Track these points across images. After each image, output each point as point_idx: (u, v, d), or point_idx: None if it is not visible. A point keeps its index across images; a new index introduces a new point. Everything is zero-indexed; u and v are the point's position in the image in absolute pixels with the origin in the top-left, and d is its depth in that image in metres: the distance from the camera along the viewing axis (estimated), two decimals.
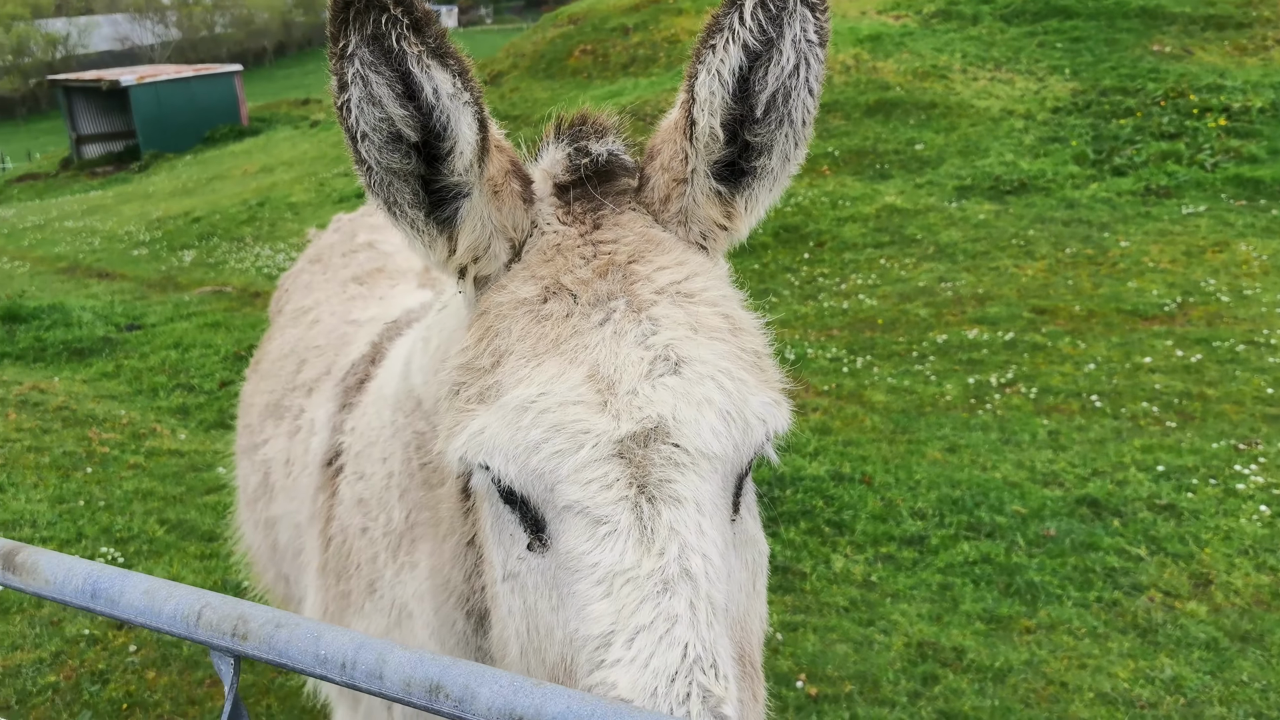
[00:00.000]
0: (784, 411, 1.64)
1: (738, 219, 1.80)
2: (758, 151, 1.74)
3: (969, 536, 6.57)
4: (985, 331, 10.18)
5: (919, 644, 5.51)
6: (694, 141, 1.70)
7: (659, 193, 1.78)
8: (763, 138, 1.72)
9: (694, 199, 1.76)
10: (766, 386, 1.63)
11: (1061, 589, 5.98)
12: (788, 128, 1.70)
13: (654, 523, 1.44)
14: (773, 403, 1.62)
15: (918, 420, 8.45)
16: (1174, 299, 10.58)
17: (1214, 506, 6.77)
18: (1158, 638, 5.51)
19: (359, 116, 1.54)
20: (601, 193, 1.77)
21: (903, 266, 12.53)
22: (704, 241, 1.79)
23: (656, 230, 1.76)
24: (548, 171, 1.80)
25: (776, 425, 1.62)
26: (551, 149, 1.82)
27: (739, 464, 1.59)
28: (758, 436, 1.58)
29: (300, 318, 3.74)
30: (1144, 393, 8.61)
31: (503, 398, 1.54)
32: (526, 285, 1.67)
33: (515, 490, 1.56)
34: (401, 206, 1.66)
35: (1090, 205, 13.70)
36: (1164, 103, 16.02)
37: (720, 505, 1.53)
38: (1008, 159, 15.34)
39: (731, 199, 1.78)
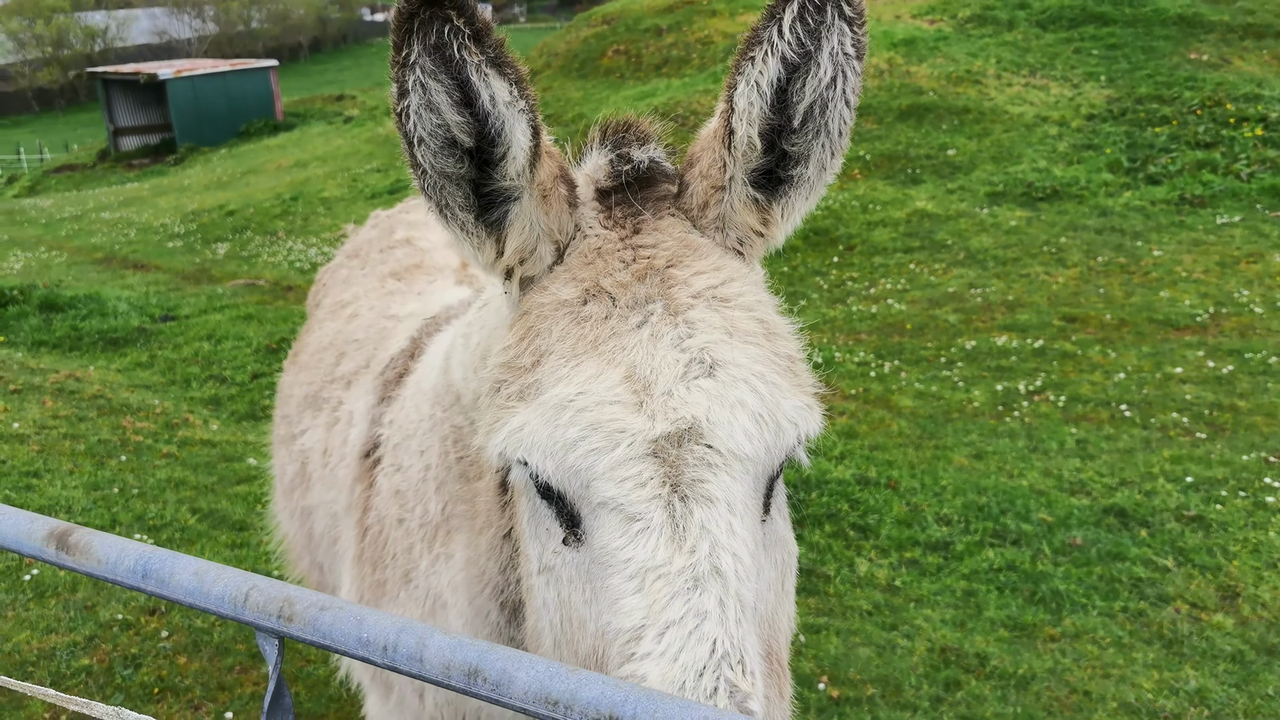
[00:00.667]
0: (816, 415, 1.68)
1: (774, 226, 1.83)
2: (794, 161, 1.77)
3: (994, 543, 6.57)
4: (1015, 338, 10.15)
5: (942, 649, 5.52)
6: (732, 150, 1.73)
7: (697, 199, 1.82)
8: (800, 147, 1.75)
9: (731, 206, 1.79)
10: (799, 390, 1.66)
11: (1087, 598, 5.96)
12: (824, 138, 1.73)
13: (686, 521, 1.48)
14: (805, 406, 1.65)
15: (945, 426, 8.44)
16: (1206, 309, 10.50)
17: (1243, 519, 6.73)
18: (1183, 649, 5.49)
19: (417, 122, 1.59)
20: (641, 199, 1.81)
21: (932, 272, 12.49)
22: (740, 247, 1.83)
23: (694, 236, 1.80)
24: (590, 176, 1.84)
25: (808, 429, 1.65)
26: (595, 154, 1.86)
27: (770, 466, 1.62)
28: (789, 439, 1.62)
29: (339, 311, 3.81)
30: (1174, 403, 8.56)
31: (542, 396, 1.58)
32: (568, 287, 1.71)
33: (552, 486, 1.60)
34: (453, 209, 1.70)
35: (1123, 214, 13.61)
36: (1200, 111, 15.88)
37: (751, 506, 1.56)
38: (1041, 165, 15.26)
39: (768, 206, 1.81)
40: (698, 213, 1.82)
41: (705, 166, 1.81)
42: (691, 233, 1.80)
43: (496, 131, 1.61)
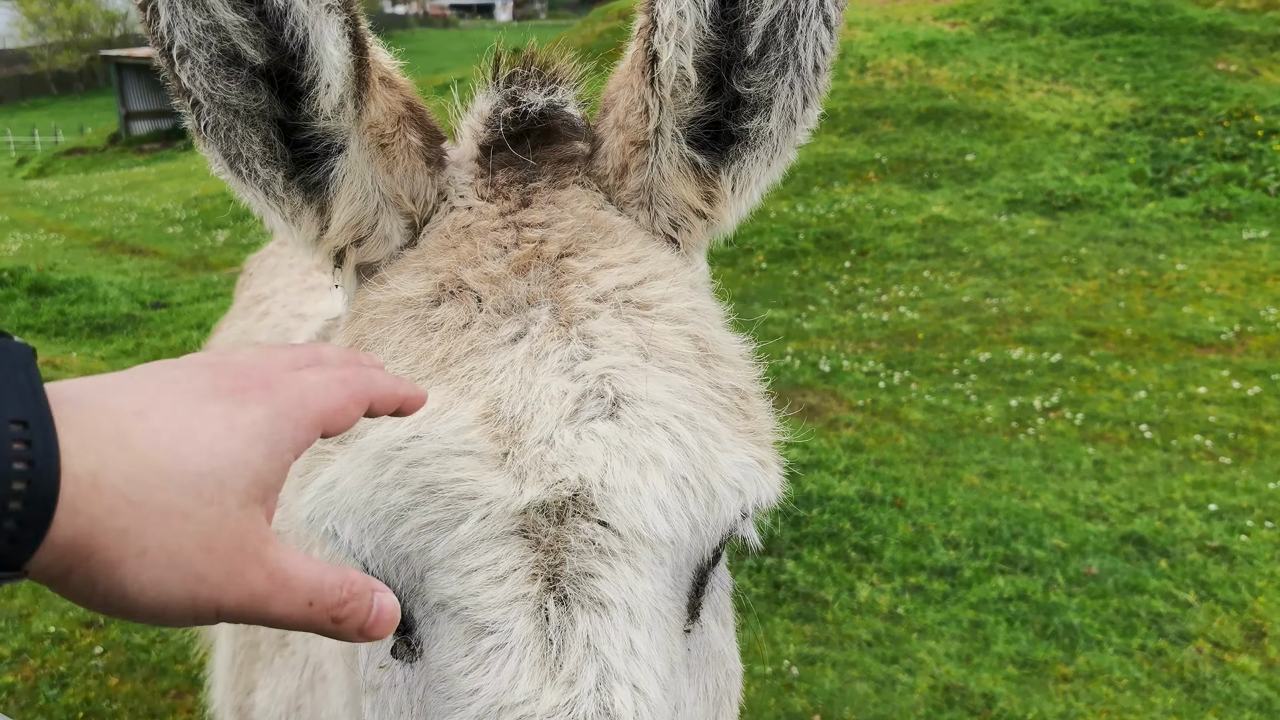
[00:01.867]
0: (771, 476, 1.18)
1: (721, 203, 1.33)
2: (751, 108, 1.27)
3: (1004, 570, 6.17)
4: (1031, 352, 9.73)
5: (945, 687, 5.12)
6: (656, 87, 1.22)
7: (613, 161, 1.32)
8: (758, 88, 1.25)
9: (660, 171, 1.29)
10: (747, 440, 1.17)
11: (1102, 633, 5.56)
12: (792, 74, 1.24)
13: (564, 636, 1.02)
14: (754, 464, 1.15)
15: (955, 442, 8.03)
16: (1232, 327, 10.07)
17: (1269, 552, 6.32)
18: (1205, 694, 5.09)
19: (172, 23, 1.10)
20: (536, 159, 1.32)
21: (947, 280, 12.08)
22: (673, 232, 1.34)
23: (607, 213, 1.30)
24: (472, 128, 1.36)
25: (759, 496, 1.15)
26: (480, 98, 1.36)
27: (699, 551, 1.14)
28: (729, 512, 1.12)
29: (252, 307, 3.33)
30: (1197, 425, 8.15)
31: (362, 439, 1.12)
32: (416, 280, 1.22)
33: (372, 572, 1.13)
34: (249, 162, 1.22)
35: (1146, 225, 13.17)
36: (1227, 123, 15.43)
37: (667, 612, 1.09)
38: (1062, 174, 14.83)
39: (713, 174, 1.31)
40: (614, 180, 1.32)
41: (621, 113, 1.30)
42: (604, 209, 1.30)
43: (299, 43, 1.12)
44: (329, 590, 0.83)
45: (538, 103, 1.30)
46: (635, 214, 1.33)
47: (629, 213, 1.33)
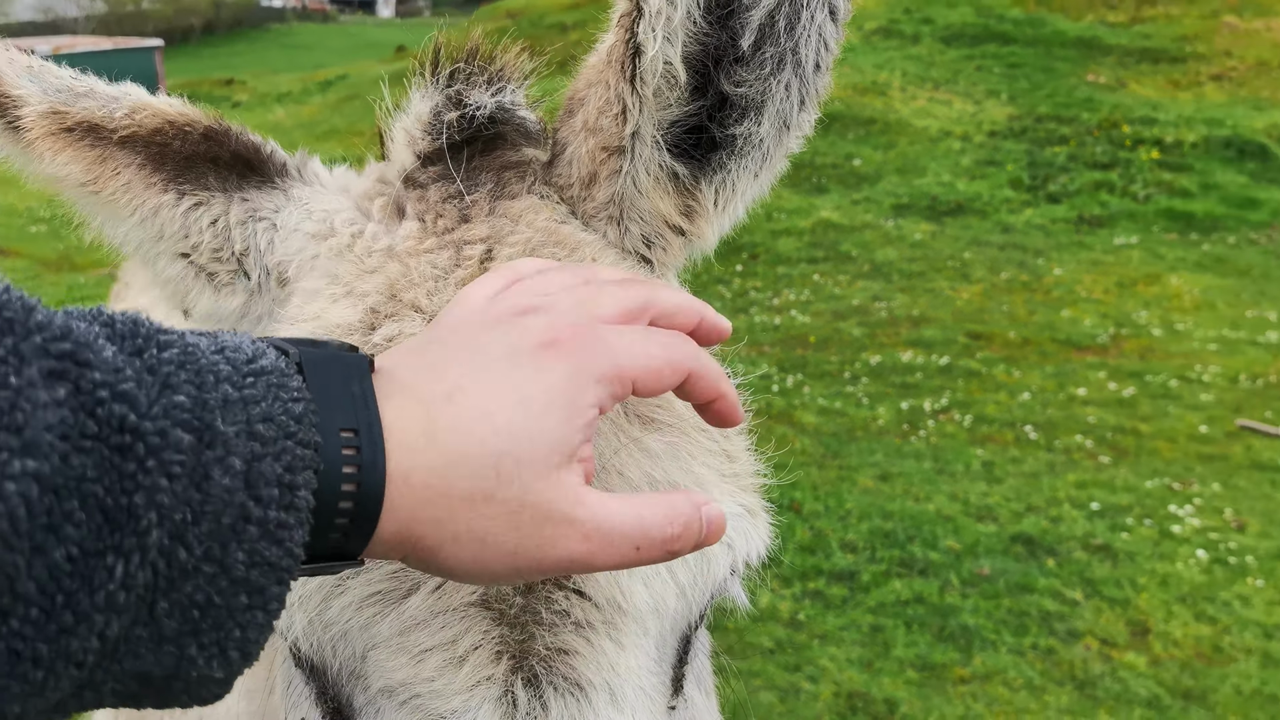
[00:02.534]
0: (760, 527, 1.08)
1: (702, 217, 1.19)
2: (740, 111, 1.13)
3: (901, 573, 6.24)
4: (920, 355, 9.92)
5: (849, 694, 5.14)
6: (638, 84, 1.08)
7: (580, 169, 1.18)
8: (750, 88, 1.12)
9: (635, 182, 1.15)
10: (733, 486, 1.06)
11: (996, 634, 5.66)
12: (790, 73, 1.10)
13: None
14: (743, 513, 1.05)
15: (849, 445, 8.12)
16: (1107, 330, 10.44)
17: (1150, 549, 6.54)
18: (1096, 691, 5.21)
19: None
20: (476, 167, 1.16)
21: (837, 284, 12.25)
22: (647, 251, 1.20)
23: (570, 228, 1.15)
24: (408, 133, 1.19)
25: (748, 550, 1.05)
26: (417, 99, 1.19)
27: (685, 617, 1.03)
28: (718, 571, 1.02)
29: None
30: (1078, 425, 8.40)
31: None
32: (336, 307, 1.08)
33: (303, 653, 1.00)
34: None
35: (1025, 231, 13.60)
36: (1098, 132, 16.04)
37: (651, 689, 0.97)
38: (945, 179, 15.21)
39: (694, 185, 1.18)
40: (580, 191, 1.18)
41: (593, 115, 1.15)
42: (567, 222, 1.16)
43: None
44: (654, 529, 0.83)
45: (486, 104, 1.15)
46: (603, 229, 1.19)
47: (595, 227, 1.19)
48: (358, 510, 0.75)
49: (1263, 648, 5.53)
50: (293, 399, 0.73)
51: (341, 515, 0.75)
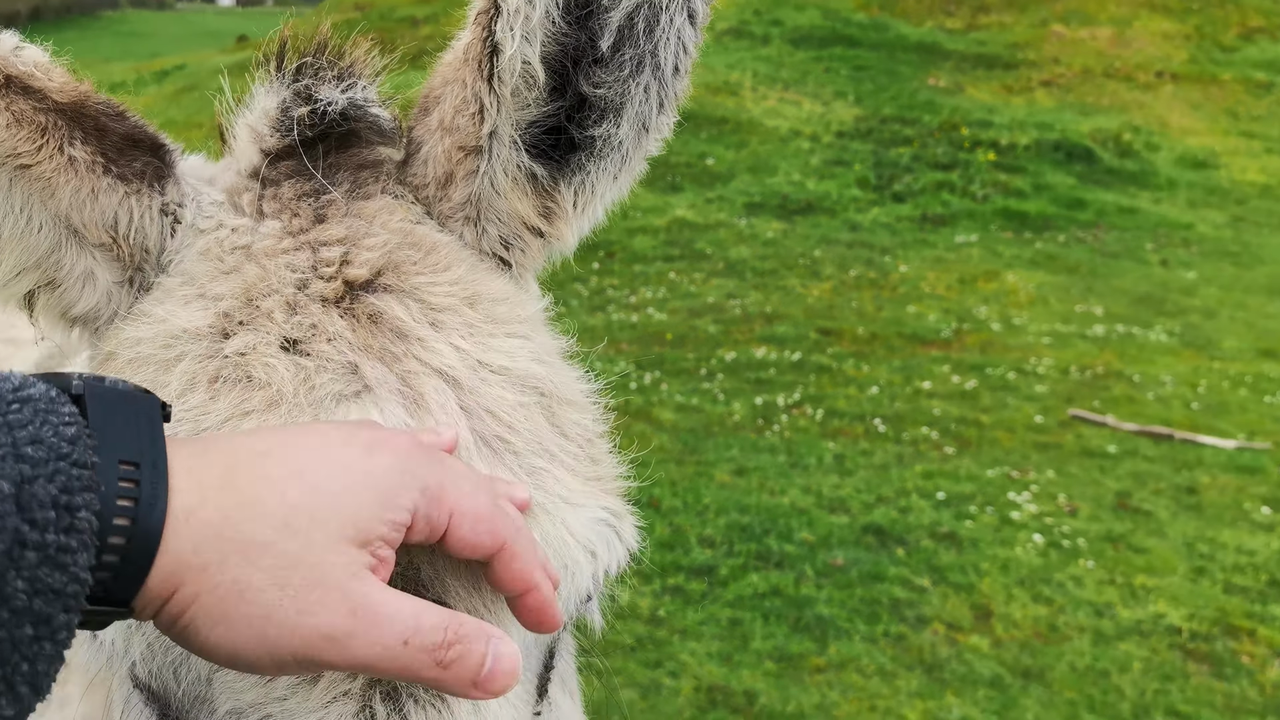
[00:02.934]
0: (627, 530, 1.06)
1: (561, 219, 1.18)
2: (600, 112, 1.13)
3: (758, 567, 6.35)
4: (773, 351, 10.12)
5: (709, 688, 5.20)
6: (496, 84, 1.07)
7: (436, 168, 1.14)
8: (609, 90, 1.11)
9: (492, 182, 1.13)
10: (597, 489, 1.04)
11: (850, 623, 5.82)
12: (649, 76, 1.10)
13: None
14: (608, 517, 1.03)
15: (706, 441, 8.22)
16: (950, 325, 10.86)
17: (991, 535, 6.83)
18: (944, 674, 5.41)
19: None
20: (331, 165, 1.11)
21: (692, 281, 12.40)
22: (505, 252, 1.18)
23: (427, 229, 1.11)
24: (253, 129, 1.13)
25: (611, 560, 1.02)
26: (262, 94, 1.13)
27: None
28: (582, 581, 0.99)
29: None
30: (924, 417, 8.71)
31: None
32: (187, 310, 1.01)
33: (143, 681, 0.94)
34: None
35: (872, 229, 14.03)
36: (939, 134, 16.68)
37: (516, 695, 0.94)
38: (795, 179, 15.56)
39: (553, 187, 1.17)
40: (435, 191, 1.14)
41: (449, 114, 1.12)
42: (422, 223, 1.12)
43: None
44: (428, 632, 0.77)
45: (337, 101, 1.10)
46: (460, 230, 1.15)
47: (452, 229, 1.15)
48: (130, 545, 0.71)
49: (1094, 626, 5.84)
50: (64, 423, 0.70)
51: (111, 552, 0.70)
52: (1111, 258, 13.24)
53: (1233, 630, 5.84)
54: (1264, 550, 6.65)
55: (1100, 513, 7.13)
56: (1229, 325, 11.18)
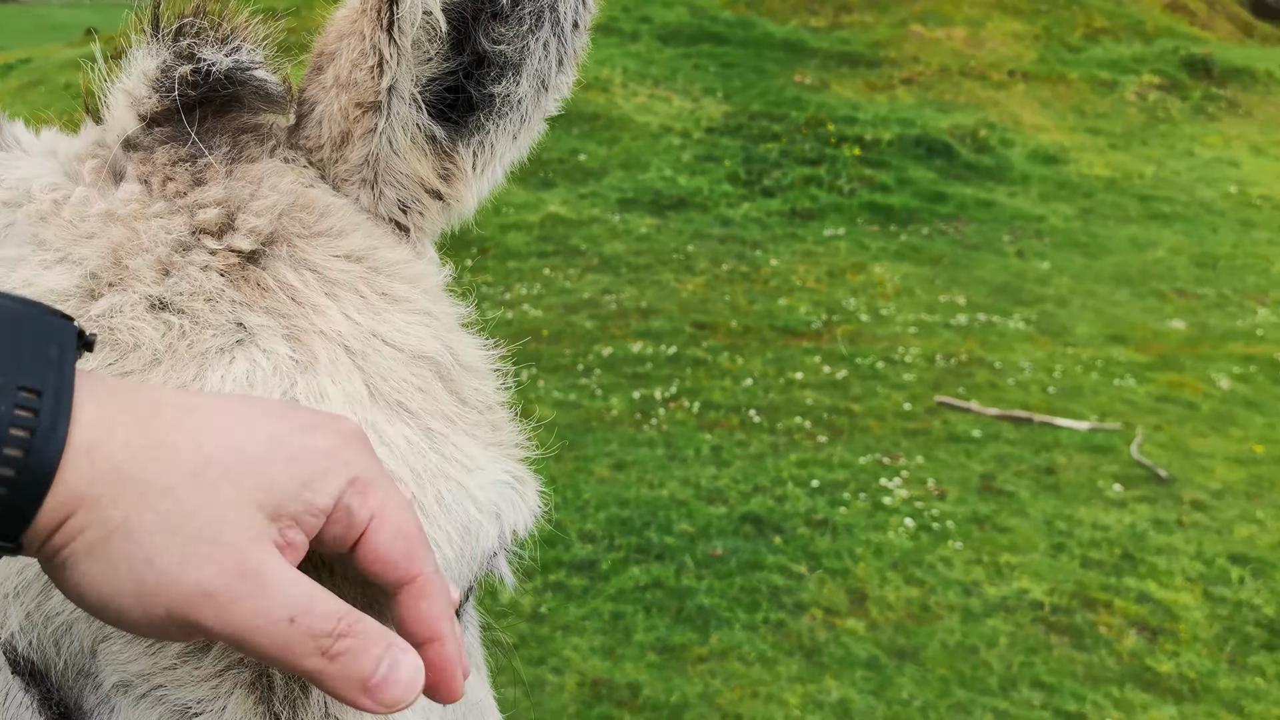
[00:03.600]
0: (530, 495, 1.04)
1: (460, 181, 1.14)
2: (499, 69, 1.10)
3: (639, 560, 6.37)
4: (649, 345, 10.18)
5: (593, 682, 5.20)
6: (396, 34, 1.03)
7: (331, 128, 1.09)
8: (509, 45, 1.09)
9: (391, 142, 1.08)
10: (500, 454, 1.01)
11: (730, 611, 5.89)
12: (548, 31, 1.09)
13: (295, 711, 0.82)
14: (511, 480, 1.00)
15: (585, 436, 8.22)
16: (820, 317, 11.10)
17: (865, 521, 7.00)
18: (822, 658, 5.53)
19: None
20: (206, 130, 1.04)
21: (567, 277, 12.37)
22: (402, 216, 1.13)
23: (319, 191, 1.06)
24: (130, 94, 1.05)
25: (517, 520, 1.00)
26: (141, 56, 1.05)
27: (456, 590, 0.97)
28: (486, 542, 0.96)
29: None
30: (797, 408, 8.88)
31: None
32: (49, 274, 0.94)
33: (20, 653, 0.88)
34: None
35: (743, 224, 14.23)
36: (805, 130, 17.02)
37: None
38: (667, 174, 15.67)
39: (452, 147, 1.13)
40: (330, 153, 1.09)
41: (345, 70, 1.07)
42: (314, 186, 1.06)
43: None
44: (319, 616, 0.70)
45: (221, 62, 1.03)
46: (356, 193, 1.10)
47: (348, 192, 1.10)
48: (20, 479, 0.66)
49: (963, 604, 6.05)
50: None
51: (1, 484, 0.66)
52: (971, 249, 13.73)
53: (1090, 603, 6.12)
54: (1117, 526, 6.99)
55: (966, 495, 7.39)
56: (1080, 313, 11.73)
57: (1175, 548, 6.75)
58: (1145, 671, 5.54)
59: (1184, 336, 11.27)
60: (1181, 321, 11.69)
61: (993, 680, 5.37)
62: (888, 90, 19.49)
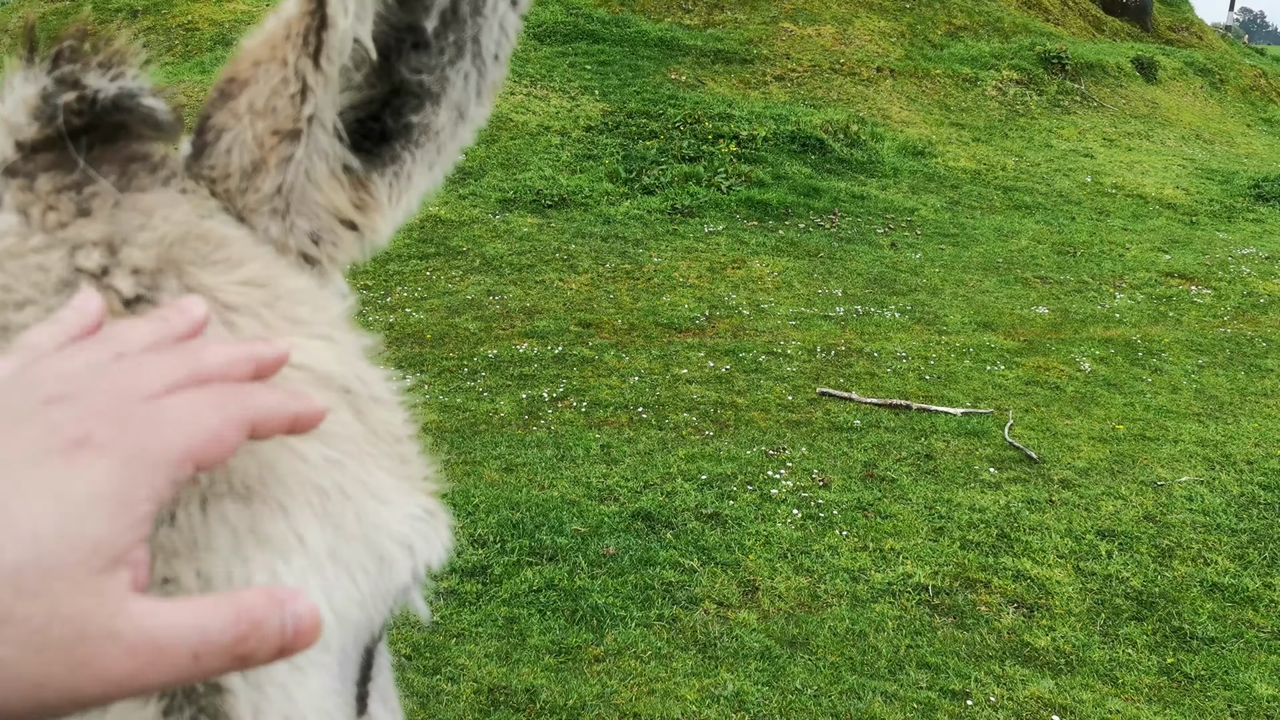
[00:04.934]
0: (441, 529, 0.98)
1: (376, 211, 1.09)
2: (418, 99, 1.06)
3: (531, 562, 6.35)
4: (535, 345, 10.14)
5: (490, 689, 5.16)
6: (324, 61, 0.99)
7: (242, 157, 1.03)
8: (429, 75, 1.06)
9: (308, 172, 1.04)
10: (410, 488, 0.97)
11: (625, 609, 5.92)
12: (469, 62, 1.06)
13: None
14: (423, 514, 0.96)
15: (473, 439, 8.15)
16: (703, 312, 11.22)
17: (753, 512, 7.12)
18: (716, 651, 5.60)
19: None
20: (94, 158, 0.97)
21: (449, 279, 12.23)
22: (313, 248, 1.08)
23: (215, 223, 1.00)
24: (9, 122, 0.98)
25: (430, 555, 0.95)
26: (19, 82, 0.98)
27: (368, 628, 0.92)
28: (401, 576, 0.91)
29: None
30: (684, 403, 8.97)
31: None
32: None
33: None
34: None
35: (625, 222, 14.28)
36: (683, 128, 17.17)
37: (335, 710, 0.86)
38: (547, 174, 15.62)
39: (367, 178, 1.08)
40: (240, 182, 1.03)
41: (262, 96, 1.02)
42: (212, 218, 1.00)
43: None
44: (216, 633, 0.69)
45: (106, 89, 0.95)
46: (265, 224, 1.04)
47: (255, 223, 1.04)
48: None
49: (851, 591, 6.20)
50: None
51: None
52: (847, 242, 14.06)
53: (971, 583, 6.35)
54: (993, 507, 7.27)
55: (850, 483, 7.57)
56: (951, 301, 12.13)
57: (1047, 526, 7.05)
58: (1024, 647, 5.77)
59: (1048, 322, 11.76)
60: (1045, 308, 12.20)
61: (881, 664, 5.53)
62: (761, 87, 19.80)
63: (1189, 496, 7.60)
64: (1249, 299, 13.10)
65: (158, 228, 0.91)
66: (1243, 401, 9.82)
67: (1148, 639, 5.93)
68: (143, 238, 0.90)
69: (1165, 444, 8.57)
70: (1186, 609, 6.21)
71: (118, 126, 0.95)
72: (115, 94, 0.92)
